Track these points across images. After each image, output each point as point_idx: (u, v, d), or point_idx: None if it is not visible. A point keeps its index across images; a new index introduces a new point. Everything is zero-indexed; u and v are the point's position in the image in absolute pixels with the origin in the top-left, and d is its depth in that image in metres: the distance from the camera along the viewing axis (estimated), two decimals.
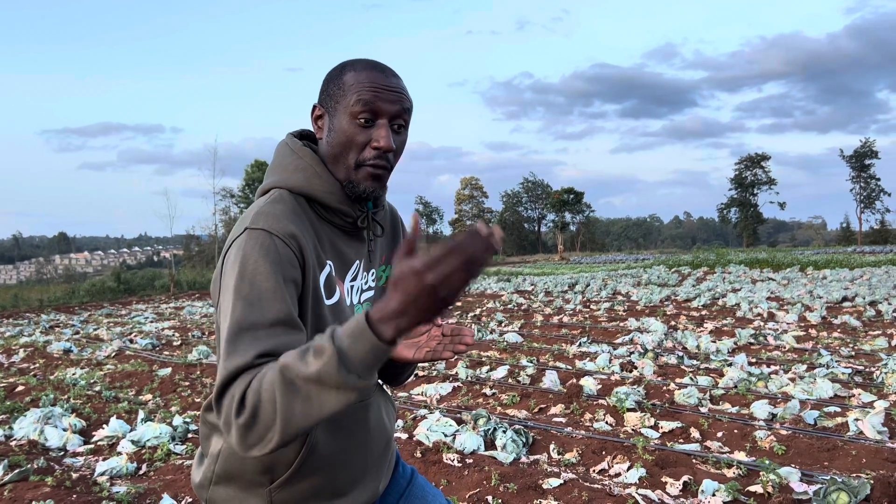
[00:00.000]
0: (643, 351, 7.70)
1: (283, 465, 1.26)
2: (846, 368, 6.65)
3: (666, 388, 5.92)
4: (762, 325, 9.95)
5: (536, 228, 79.02)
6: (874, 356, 7.47)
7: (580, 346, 8.37)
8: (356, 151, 1.26)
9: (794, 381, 6.15)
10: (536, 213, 78.71)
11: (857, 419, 4.71)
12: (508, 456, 4.23)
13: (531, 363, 7.22)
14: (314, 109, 1.33)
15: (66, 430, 5.16)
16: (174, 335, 10.63)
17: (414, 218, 1.01)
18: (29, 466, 4.24)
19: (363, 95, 1.23)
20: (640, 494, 3.61)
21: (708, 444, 4.57)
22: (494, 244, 0.93)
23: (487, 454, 4.32)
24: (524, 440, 4.48)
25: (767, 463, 3.94)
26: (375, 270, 1.44)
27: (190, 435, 5.07)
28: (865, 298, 12.42)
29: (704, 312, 11.67)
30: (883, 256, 29.75)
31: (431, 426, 4.70)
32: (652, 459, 4.10)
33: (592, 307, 13.04)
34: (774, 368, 6.77)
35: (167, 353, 9.03)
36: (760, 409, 5.16)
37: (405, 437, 4.70)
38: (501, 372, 6.76)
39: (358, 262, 1.37)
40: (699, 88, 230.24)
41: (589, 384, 5.97)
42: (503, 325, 10.79)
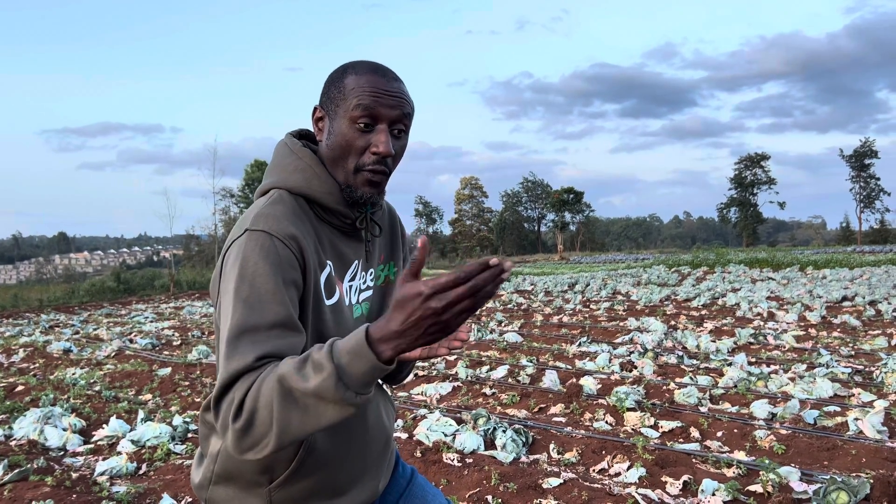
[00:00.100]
0: (643, 350, 7.70)
1: (282, 464, 1.26)
2: (846, 368, 6.65)
3: (666, 387, 5.92)
4: (762, 324, 9.96)
5: (536, 228, 79.07)
6: (874, 356, 7.47)
7: (580, 345, 8.38)
8: (355, 156, 1.26)
9: (793, 380, 6.15)
10: (536, 212, 78.78)
11: (856, 419, 4.71)
12: (508, 455, 4.24)
13: (531, 363, 7.22)
14: (315, 111, 1.33)
15: (65, 429, 5.16)
16: (174, 335, 10.63)
17: (422, 241, 1.00)
18: (29, 466, 4.24)
19: (363, 100, 1.23)
20: (639, 494, 3.61)
21: (708, 443, 4.57)
22: (504, 276, 0.94)
23: (487, 454, 4.32)
24: (524, 440, 4.49)
25: (767, 462, 3.94)
26: (374, 270, 1.44)
27: (190, 435, 5.07)
28: (865, 298, 12.43)
29: (704, 312, 11.68)
30: (883, 256, 29.76)
31: (431, 426, 4.70)
32: (652, 459, 4.10)
33: (592, 307, 13.04)
34: (774, 368, 6.77)
35: (167, 352, 9.03)
36: (760, 408, 5.16)
37: (405, 436, 4.70)
38: (501, 372, 6.76)
39: (357, 261, 1.37)
40: (699, 88, 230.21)
41: (589, 384, 5.98)
42: (503, 324, 10.79)
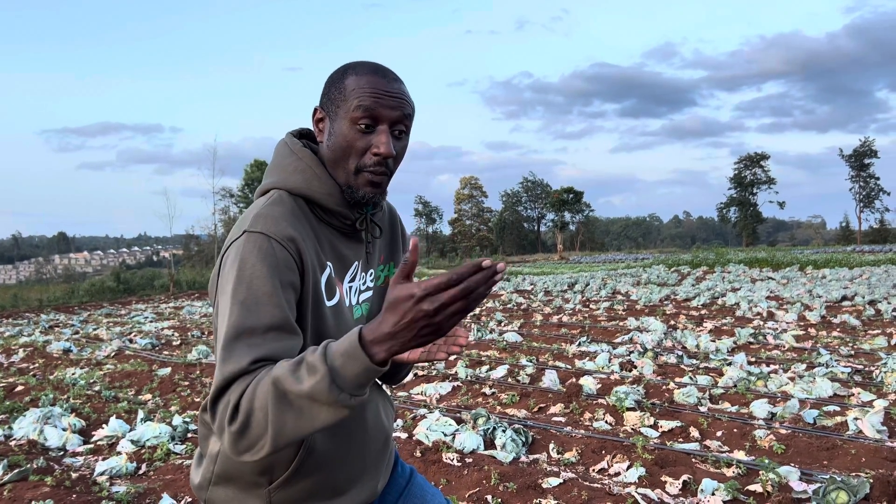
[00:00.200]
0: (643, 350, 7.71)
1: (281, 465, 1.26)
2: (845, 367, 6.65)
3: (665, 387, 5.93)
4: (761, 324, 9.96)
5: (536, 228, 79.07)
6: (873, 355, 7.47)
7: (580, 345, 8.38)
8: (356, 157, 1.25)
9: (793, 380, 6.15)
10: (536, 212, 78.78)
11: (856, 418, 4.71)
12: (508, 455, 4.24)
13: (531, 362, 7.22)
14: (315, 112, 1.33)
15: (65, 429, 5.16)
16: (174, 335, 10.63)
17: (413, 242, 1.01)
18: (28, 466, 4.24)
19: (364, 101, 1.22)
20: (639, 493, 3.61)
21: (707, 443, 4.57)
22: (496, 279, 0.95)
23: (487, 453, 4.32)
24: (524, 439, 4.49)
25: (767, 462, 3.94)
26: (374, 270, 1.44)
27: (189, 435, 5.06)
28: (865, 297, 12.43)
29: (704, 312, 11.68)
30: (882, 255, 29.75)
31: (431, 426, 4.70)
32: (651, 458, 4.10)
33: (592, 307, 13.04)
34: (774, 368, 6.77)
35: (167, 352, 9.03)
36: (760, 408, 5.16)
37: (405, 436, 4.70)
38: (501, 371, 6.76)
39: (356, 262, 1.37)
40: (698, 88, 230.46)
41: (588, 383, 5.98)
42: (503, 324, 10.79)
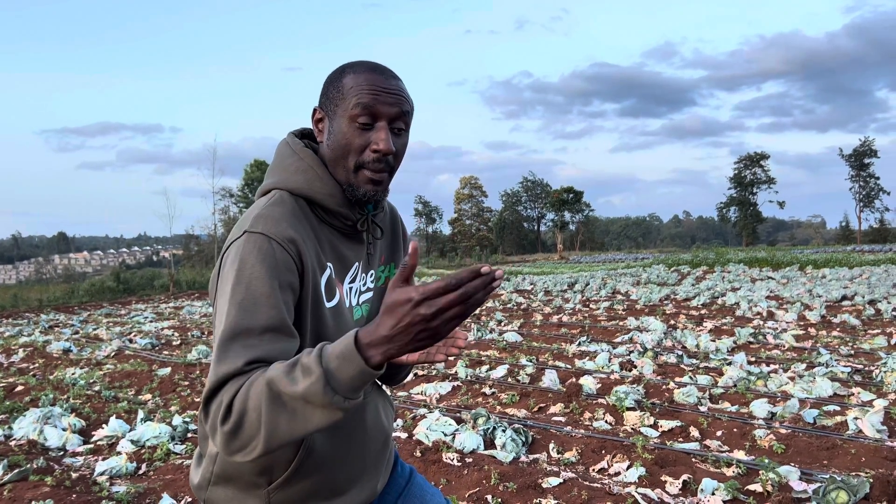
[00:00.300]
0: (642, 350, 7.71)
1: (281, 465, 1.26)
2: (845, 367, 6.65)
3: (665, 387, 5.93)
4: (761, 324, 9.96)
5: (536, 228, 79.06)
6: (873, 355, 7.47)
7: (579, 345, 8.38)
8: (356, 154, 1.25)
9: (793, 379, 6.15)
10: (536, 212, 78.75)
11: (856, 418, 4.71)
12: (508, 455, 4.24)
13: (531, 362, 7.22)
14: (314, 112, 1.33)
15: (65, 429, 5.16)
16: (174, 335, 10.63)
17: (413, 246, 1.01)
18: (28, 466, 4.24)
19: (362, 98, 1.22)
20: (639, 493, 3.61)
21: (707, 442, 4.57)
22: (494, 285, 0.95)
23: (487, 453, 4.32)
24: (523, 439, 4.49)
25: (767, 462, 3.94)
26: (374, 271, 1.43)
27: (189, 434, 5.06)
28: (865, 297, 12.42)
29: (704, 311, 11.68)
30: (882, 255, 29.75)
31: (431, 425, 4.70)
32: (651, 458, 4.10)
33: (592, 306, 13.04)
34: (774, 367, 6.77)
35: (167, 352, 9.03)
36: (760, 408, 5.16)
37: (405, 436, 4.70)
38: (501, 371, 6.76)
39: (357, 263, 1.37)
40: (698, 87, 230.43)
41: (588, 383, 5.98)
42: (502, 324, 10.79)
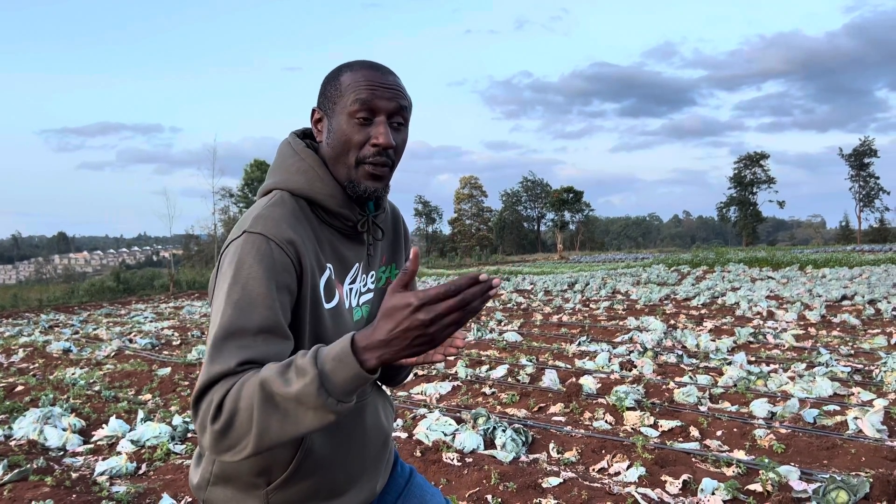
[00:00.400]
0: (642, 350, 7.71)
1: (279, 466, 1.26)
2: (845, 367, 6.65)
3: (665, 386, 5.93)
4: (761, 323, 9.96)
5: (536, 227, 79.02)
6: (873, 355, 7.47)
7: (579, 345, 8.38)
8: (356, 150, 1.25)
9: (793, 379, 6.15)
10: (536, 212, 78.71)
11: (856, 418, 4.71)
12: (508, 455, 4.24)
13: (531, 362, 7.22)
14: (313, 113, 1.33)
15: (65, 429, 5.16)
16: (174, 335, 10.62)
17: (414, 252, 1.02)
18: (28, 466, 4.24)
19: (360, 94, 1.23)
20: (639, 493, 3.61)
21: (707, 442, 4.57)
22: (491, 293, 0.96)
23: (487, 453, 4.32)
24: (523, 439, 4.49)
25: (767, 461, 3.94)
26: (375, 272, 1.43)
27: (189, 434, 5.06)
28: (865, 297, 12.42)
29: (704, 311, 11.68)
30: (882, 255, 29.75)
31: (431, 425, 4.70)
32: (651, 458, 4.10)
33: (592, 306, 13.04)
34: (774, 367, 6.77)
35: (167, 352, 9.03)
36: (760, 407, 5.16)
37: (405, 436, 4.70)
38: (501, 371, 6.76)
39: (357, 264, 1.36)
40: (698, 87, 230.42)
41: (588, 383, 5.98)
42: (502, 324, 10.79)
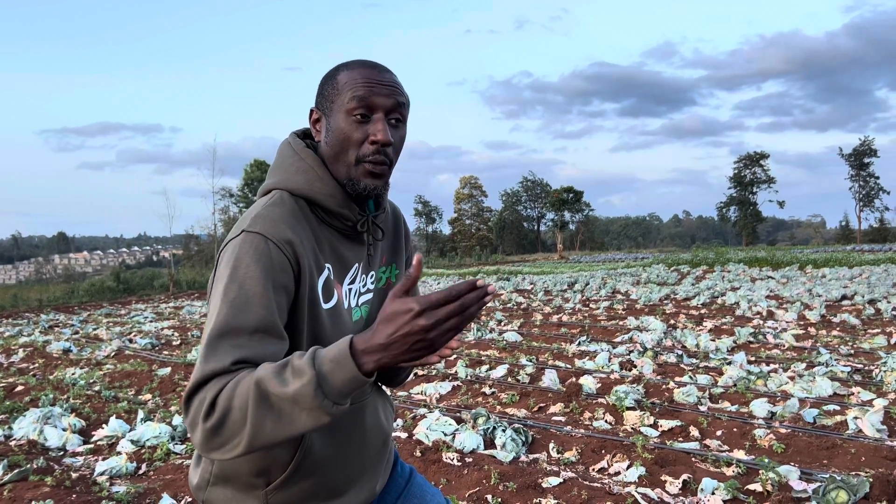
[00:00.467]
0: (642, 350, 7.71)
1: (279, 466, 1.26)
2: (845, 367, 6.65)
3: (665, 386, 5.93)
4: (761, 323, 9.96)
5: (536, 227, 79.04)
6: (873, 354, 7.47)
7: (579, 344, 8.38)
8: (355, 148, 1.26)
9: (793, 379, 6.15)
10: (536, 212, 78.73)
11: (856, 417, 4.71)
12: (508, 455, 4.24)
13: (530, 362, 7.22)
14: (311, 113, 1.34)
15: (65, 429, 5.16)
16: (173, 335, 10.62)
17: (417, 258, 1.03)
18: (28, 466, 4.24)
19: (357, 91, 1.23)
20: (639, 493, 3.61)
21: (707, 442, 4.57)
22: (486, 300, 0.98)
23: (487, 453, 4.32)
24: (523, 439, 4.49)
25: (767, 461, 3.94)
26: (375, 272, 1.43)
27: (189, 435, 5.06)
28: (864, 297, 12.42)
29: (704, 311, 11.68)
30: (882, 255, 29.76)
31: (431, 425, 4.70)
32: (651, 458, 4.10)
33: (592, 306, 13.04)
34: (774, 367, 6.77)
35: (167, 352, 9.03)
36: (760, 407, 5.16)
37: (404, 436, 4.70)
38: (501, 371, 6.76)
39: (357, 264, 1.36)
40: (698, 87, 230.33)
41: (588, 383, 5.98)
42: (502, 324, 10.79)
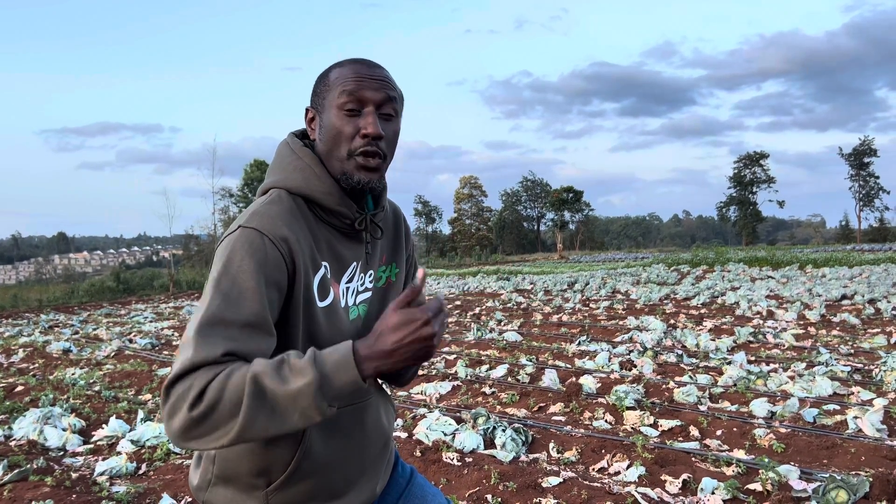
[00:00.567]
0: (642, 349, 7.70)
1: (279, 467, 1.26)
2: (845, 366, 6.65)
3: (665, 386, 5.93)
4: (761, 323, 9.96)
5: (536, 227, 79.03)
6: (873, 354, 7.47)
7: (579, 344, 8.38)
8: (346, 142, 1.27)
9: (793, 379, 6.15)
10: (536, 211, 78.72)
11: (856, 417, 4.71)
12: (508, 455, 4.24)
13: (530, 362, 7.22)
14: (307, 113, 1.35)
15: (65, 430, 5.16)
16: (173, 335, 10.63)
17: (421, 273, 1.12)
18: (28, 466, 4.24)
19: (347, 86, 1.25)
20: (639, 493, 3.61)
21: (707, 442, 4.57)
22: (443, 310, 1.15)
23: (487, 453, 4.33)
24: (523, 439, 4.49)
25: (767, 461, 3.94)
26: (374, 272, 1.42)
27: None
28: (864, 296, 12.42)
29: (704, 311, 11.68)
30: (882, 254, 29.75)
31: (431, 425, 4.70)
32: (651, 458, 4.10)
33: (592, 306, 13.04)
34: (774, 367, 6.77)
35: (167, 352, 9.03)
36: (759, 407, 5.16)
37: (405, 436, 4.70)
38: (501, 371, 6.76)
39: (355, 263, 1.36)
40: (698, 87, 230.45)
41: (588, 383, 5.98)
42: (502, 323, 10.79)
